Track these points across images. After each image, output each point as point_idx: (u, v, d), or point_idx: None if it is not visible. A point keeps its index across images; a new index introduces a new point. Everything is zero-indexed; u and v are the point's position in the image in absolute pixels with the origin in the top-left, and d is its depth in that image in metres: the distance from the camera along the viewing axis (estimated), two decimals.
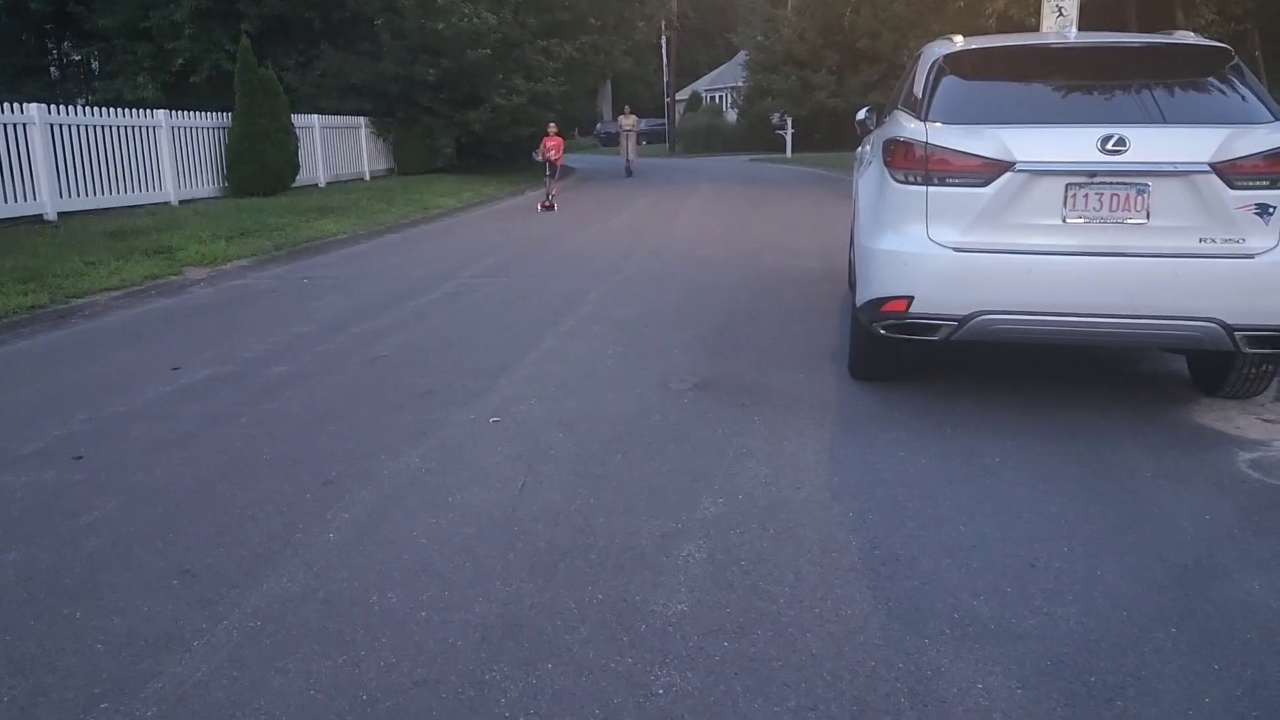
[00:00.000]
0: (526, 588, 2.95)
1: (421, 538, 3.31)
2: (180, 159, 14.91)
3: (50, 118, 12.23)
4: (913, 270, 4.34)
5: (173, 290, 8.51)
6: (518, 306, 7.42)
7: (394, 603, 2.87)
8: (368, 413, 4.73)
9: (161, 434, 4.46)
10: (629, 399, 4.90)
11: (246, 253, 10.27)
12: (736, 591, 2.91)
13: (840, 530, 3.32)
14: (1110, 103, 4.53)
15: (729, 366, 5.51)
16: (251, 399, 5.00)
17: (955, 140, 4.27)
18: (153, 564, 3.14)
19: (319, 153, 18.69)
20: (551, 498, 3.64)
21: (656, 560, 3.11)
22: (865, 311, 4.64)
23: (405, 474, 3.90)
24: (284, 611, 2.83)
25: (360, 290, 8.36)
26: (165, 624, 2.77)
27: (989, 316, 4.25)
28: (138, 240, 10.38)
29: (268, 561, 3.15)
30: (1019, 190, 4.17)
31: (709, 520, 3.42)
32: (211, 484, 3.83)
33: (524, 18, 20.96)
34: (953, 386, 5.05)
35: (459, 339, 6.32)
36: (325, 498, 3.67)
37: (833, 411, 4.68)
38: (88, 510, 3.58)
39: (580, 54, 22.87)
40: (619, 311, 7.10)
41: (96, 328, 7.06)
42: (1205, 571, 3.02)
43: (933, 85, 4.63)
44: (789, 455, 4.06)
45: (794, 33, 38.33)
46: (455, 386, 5.16)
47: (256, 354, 5.99)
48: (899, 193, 4.43)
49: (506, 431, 4.41)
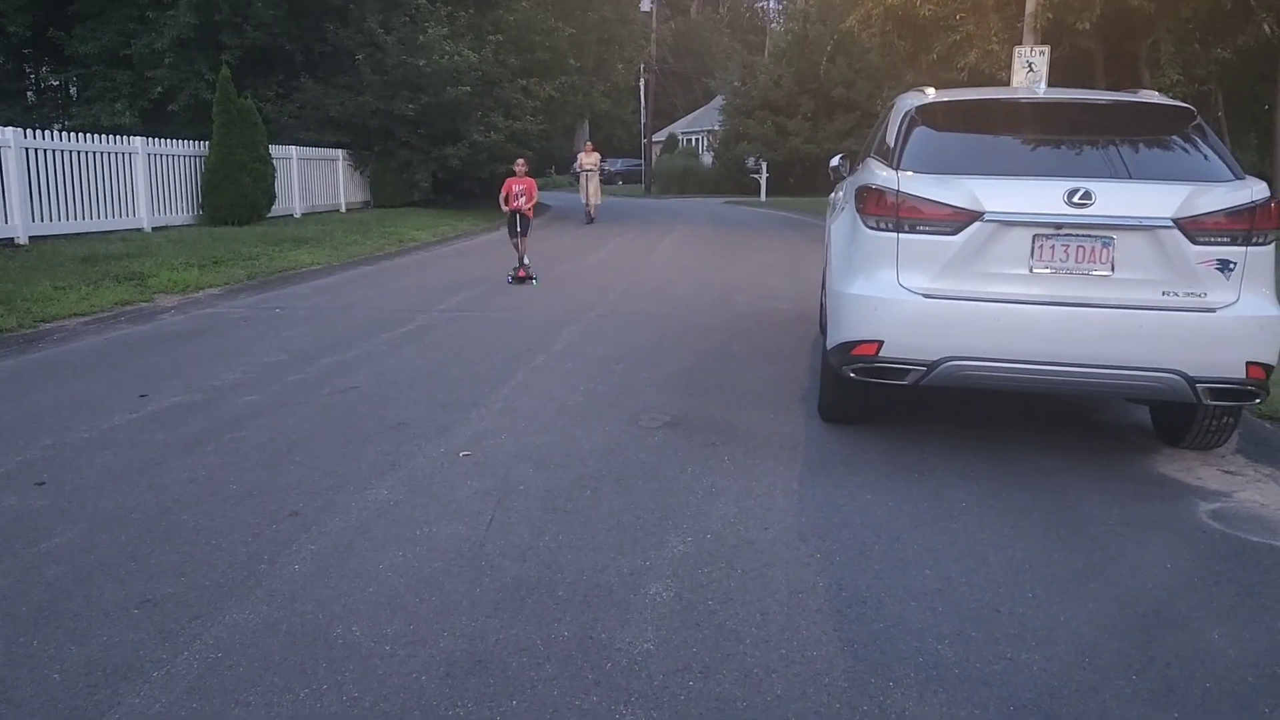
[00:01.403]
0: (492, 623, 2.93)
1: (388, 571, 3.28)
2: (155, 186, 14.84)
3: (25, 141, 12.16)
4: (883, 315, 4.41)
5: (143, 317, 8.44)
6: (491, 341, 7.42)
7: (358, 636, 2.84)
8: (337, 444, 4.71)
9: (127, 461, 4.41)
10: (600, 435, 4.91)
11: (219, 281, 10.22)
12: (703, 631, 2.91)
13: (807, 571, 3.34)
14: (1077, 157, 4.65)
15: (700, 405, 5.54)
16: (219, 428, 4.96)
17: (926, 189, 4.36)
18: (113, 593, 3.10)
19: (295, 184, 18.67)
20: (520, 533, 3.63)
21: (624, 598, 3.11)
22: (836, 354, 4.69)
23: (373, 506, 3.88)
24: (246, 643, 2.79)
25: (333, 321, 8.33)
26: (125, 654, 2.72)
27: (957, 362, 4.31)
28: (109, 266, 10.30)
29: (231, 592, 3.11)
30: (988, 239, 4.26)
31: (677, 558, 3.42)
32: (176, 513, 3.79)
33: (504, 57, 21.16)
34: (921, 431, 5.10)
35: (431, 372, 6.31)
36: (291, 529, 3.64)
37: (802, 452, 4.71)
38: (48, 537, 3.53)
39: (559, 94, 23.12)
40: (592, 348, 7.13)
41: (64, 353, 6.99)
42: (1166, 620, 3.05)
43: (905, 135, 4.73)
44: (758, 495, 4.08)
45: (770, 79, 38.94)
46: (426, 419, 5.15)
47: (226, 383, 5.94)
48: (871, 239, 4.50)
49: (476, 465, 4.40)
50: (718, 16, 67.06)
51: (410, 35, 19.69)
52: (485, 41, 20.60)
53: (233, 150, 15.66)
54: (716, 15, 67.30)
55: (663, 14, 51.34)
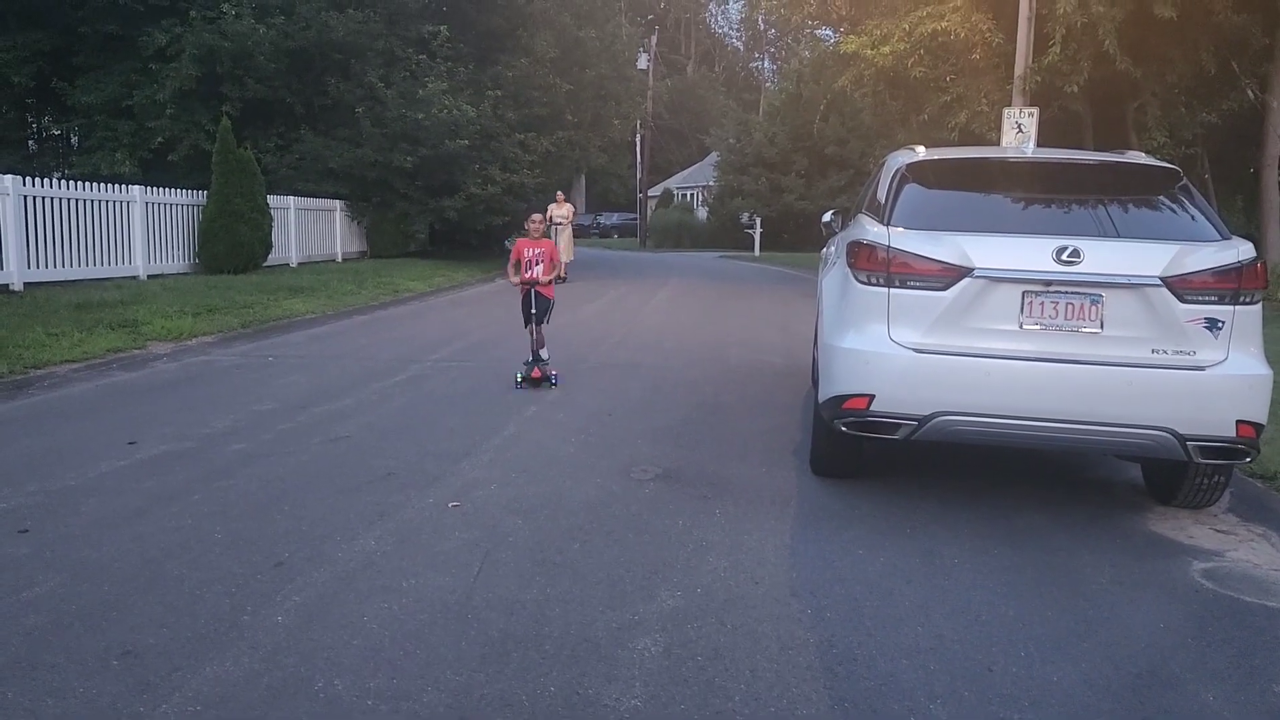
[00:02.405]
0: (478, 677, 2.89)
1: (373, 623, 3.24)
2: (152, 234, 14.91)
3: (24, 189, 12.24)
4: (874, 369, 4.42)
5: (135, 364, 8.42)
6: (483, 391, 7.41)
7: (340, 690, 2.80)
8: (325, 493, 4.67)
9: (112, 510, 4.37)
10: (590, 487, 4.88)
11: (213, 329, 10.22)
12: (692, 687, 2.87)
13: (798, 627, 3.30)
14: (1065, 216, 4.70)
15: (692, 458, 5.52)
16: (207, 476, 4.93)
17: (916, 245, 4.39)
18: (93, 644, 3.05)
19: (293, 233, 18.77)
20: (507, 585, 3.59)
21: (611, 652, 3.07)
22: (827, 408, 4.69)
23: (360, 557, 3.84)
24: (226, 696, 2.75)
25: (325, 370, 8.32)
26: (103, 707, 2.68)
27: (948, 417, 4.32)
28: (103, 313, 10.30)
29: (213, 643, 3.07)
30: (977, 295, 4.28)
31: (666, 613, 3.38)
32: (160, 562, 3.74)
33: (503, 111, 21.43)
34: (914, 486, 5.08)
35: (422, 422, 6.29)
36: (276, 579, 3.59)
37: (793, 506, 4.68)
38: (30, 586, 3.49)
39: (556, 148, 23.38)
40: (584, 399, 7.12)
41: (54, 399, 6.96)
42: (1159, 680, 3.02)
43: (896, 192, 4.79)
44: (749, 549, 4.05)
45: (765, 136, 39.45)
46: (416, 469, 5.12)
47: (215, 431, 5.92)
48: (862, 293, 4.53)
49: (465, 516, 4.37)
50: (713, 75, 68.18)
51: (410, 89, 19.96)
52: (484, 96, 20.88)
53: (230, 200, 15.77)
54: (712, 74, 68.43)
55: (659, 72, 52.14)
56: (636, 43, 33.18)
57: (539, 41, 22.60)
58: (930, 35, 16.33)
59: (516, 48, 22.57)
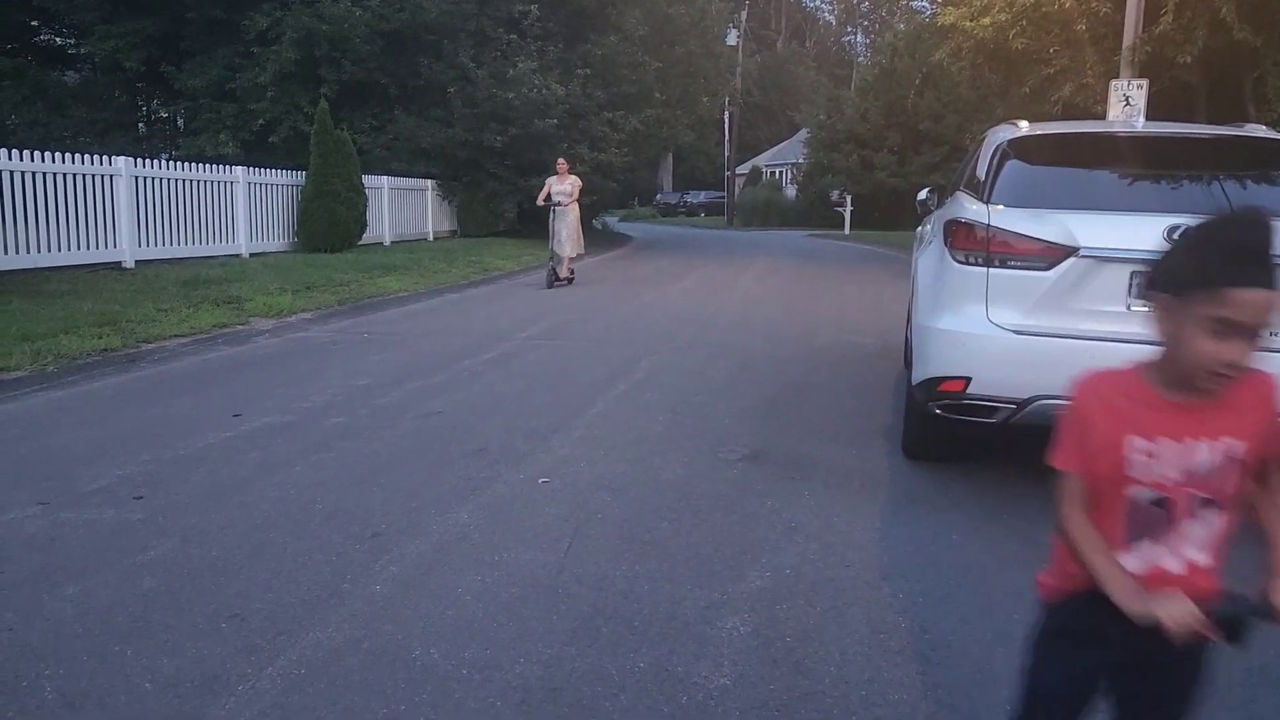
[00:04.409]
0: (568, 651, 2.93)
1: (466, 594, 3.31)
2: (254, 213, 15.41)
3: (135, 170, 12.75)
4: (971, 351, 4.32)
5: (239, 339, 8.72)
6: (571, 370, 7.48)
7: (436, 659, 2.87)
8: (419, 468, 4.78)
9: (219, 478, 4.54)
10: (678, 466, 4.89)
11: (311, 306, 10.52)
12: (781, 668, 2.86)
13: (889, 612, 3.26)
14: (1177, 193, 4.51)
15: (780, 439, 5.48)
16: (307, 448, 5.08)
17: (1018, 224, 4.27)
18: (204, 606, 3.19)
19: (386, 212, 19.18)
20: (597, 562, 3.63)
21: (700, 631, 3.08)
22: (921, 390, 4.61)
23: (453, 530, 3.92)
24: (328, 661, 2.84)
25: (418, 347, 8.50)
26: (212, 667, 2.79)
27: (1050, 401, 4.18)
28: (209, 290, 10.70)
29: (315, 609, 3.17)
30: (1082, 276, 4.14)
31: (755, 593, 3.38)
32: (264, 530, 3.88)
33: (592, 90, 21.49)
34: (1010, 470, 4.96)
35: (512, 399, 6.38)
36: (374, 549, 3.70)
37: (885, 490, 4.62)
38: (144, 550, 3.65)
39: (644, 126, 23.35)
40: (672, 379, 7.13)
41: (164, 372, 7.26)
42: (1271, 679, 2.90)
43: (996, 168, 4.65)
44: (839, 532, 4.01)
45: (856, 112, 38.73)
46: (506, 446, 5.20)
47: (315, 405, 6.10)
48: (959, 273, 4.42)
49: (555, 493, 4.43)
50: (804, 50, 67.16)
51: (500, 69, 20.15)
52: (573, 75, 20.97)
53: (328, 180, 16.18)
54: (803, 49, 67.40)
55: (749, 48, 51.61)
56: (726, 18, 32.81)
57: (628, 19, 22.57)
58: (1033, 5, 15.75)
59: (606, 25, 22.57)
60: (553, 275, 13.83)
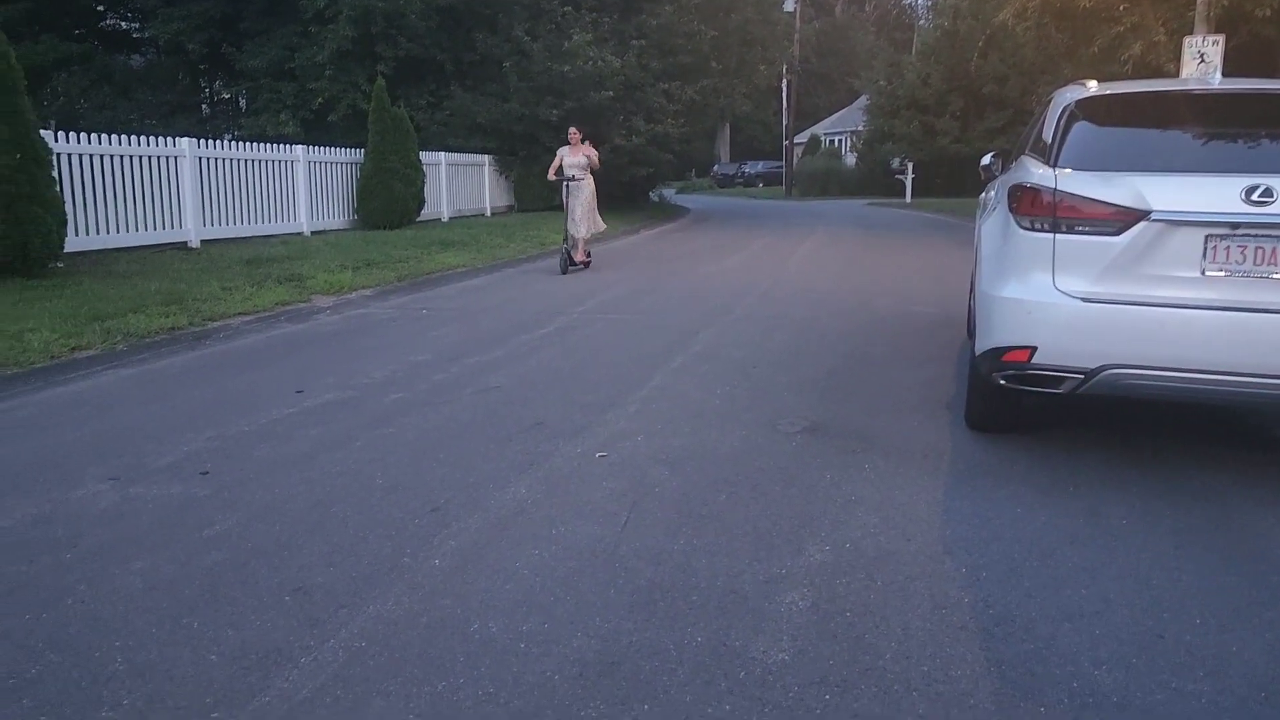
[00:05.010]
0: (626, 625, 2.92)
1: (524, 569, 3.32)
2: (314, 192, 15.61)
3: (199, 151, 12.98)
4: (1036, 319, 4.19)
5: (301, 316, 8.86)
6: (628, 343, 7.46)
7: (494, 632, 2.88)
8: (478, 442, 4.81)
9: (282, 454, 4.62)
10: (736, 439, 4.85)
11: (371, 283, 10.65)
12: (841, 643, 2.82)
13: (952, 586, 3.20)
14: (1256, 152, 4.31)
15: (840, 411, 5.41)
16: (368, 424, 5.14)
17: (1086, 187, 4.12)
18: (267, 580, 3.24)
19: (444, 188, 19.31)
20: (655, 535, 3.61)
21: (759, 605, 3.05)
22: (984, 361, 4.50)
23: (511, 504, 3.94)
24: (388, 634, 2.87)
25: (476, 322, 8.55)
26: (276, 639, 2.84)
27: (1119, 370, 4.06)
28: (271, 268, 10.88)
29: (375, 583, 3.21)
30: (1154, 240, 3.99)
31: (814, 567, 3.33)
32: (326, 505, 3.94)
33: (647, 61, 21.33)
34: (1077, 442, 4.84)
35: (569, 373, 6.39)
36: (433, 524, 3.73)
37: (947, 462, 4.53)
38: (210, 525, 3.73)
39: (700, 96, 23.13)
40: (729, 351, 7.07)
41: (229, 350, 7.40)
42: None
43: (1063, 130, 4.50)
44: (900, 505, 3.94)
45: (918, 77, 37.94)
46: (564, 420, 5.20)
47: (375, 380, 6.17)
48: (1024, 240, 4.29)
49: (612, 466, 4.42)
50: (863, 15, 65.87)
51: (555, 42, 20.11)
52: (628, 46, 20.84)
53: (386, 157, 16.32)
54: (862, 14, 66.11)
55: (806, 14, 50.74)
56: None
57: None
58: None
59: None
60: (567, 259, 12.38)
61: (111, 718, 2.44)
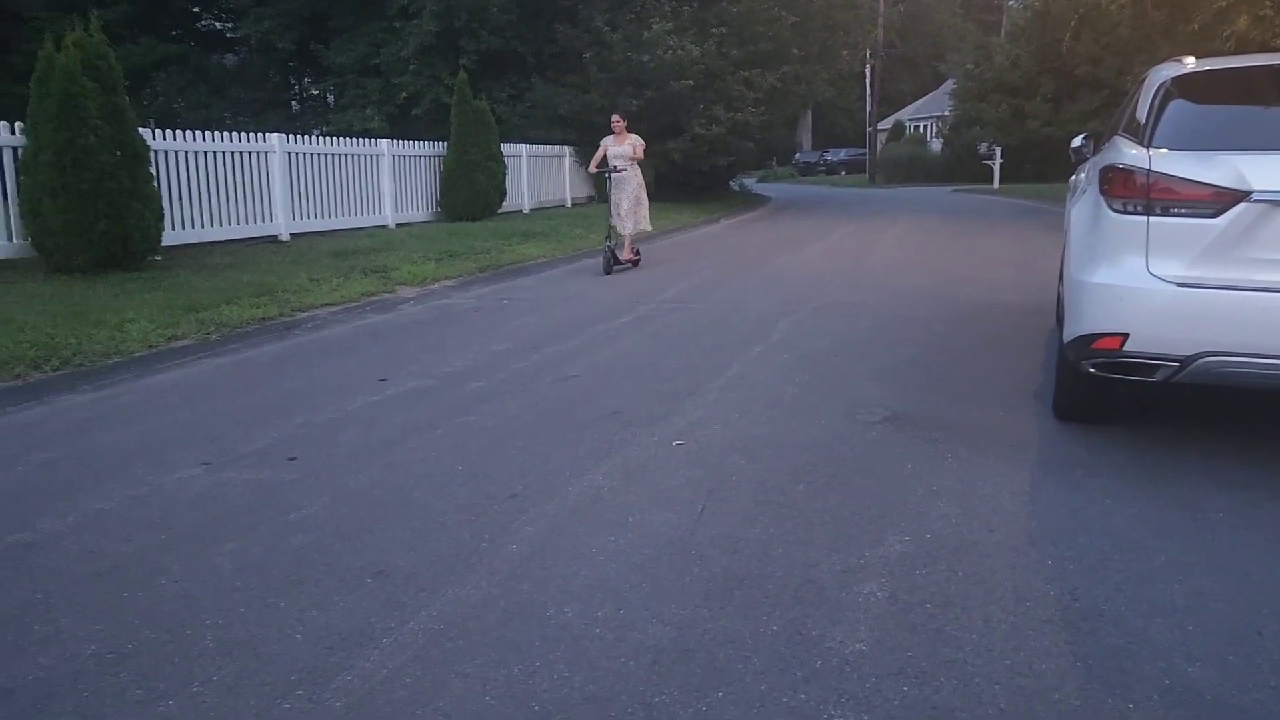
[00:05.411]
0: (701, 613, 2.91)
1: (600, 555, 3.34)
2: (399, 185, 15.90)
3: (288, 146, 13.34)
4: (1129, 305, 4.05)
5: (385, 307, 9.04)
6: (706, 332, 7.43)
7: (570, 617, 2.90)
8: (555, 430, 4.85)
9: (366, 441, 4.72)
10: (815, 428, 4.79)
11: (453, 273, 10.81)
12: (920, 635, 2.77)
13: (1037, 578, 3.11)
14: None
15: (921, 400, 5.30)
16: (448, 412, 5.22)
17: (1182, 167, 3.96)
18: (350, 562, 3.32)
19: (525, 180, 19.49)
20: (731, 524, 3.59)
21: (836, 595, 3.01)
22: (1074, 348, 4.36)
23: (588, 492, 3.96)
24: (466, 617, 2.91)
25: (555, 312, 8.61)
26: (358, 620, 2.90)
27: (1216, 358, 3.89)
28: (357, 260, 11.12)
29: (454, 568, 3.26)
30: (1255, 222, 3.82)
31: (893, 558, 3.28)
32: (408, 490, 4.01)
33: (727, 49, 21.18)
34: (1171, 433, 4.66)
35: (647, 362, 6.39)
36: (511, 510, 3.77)
37: (1034, 452, 4.41)
38: (297, 509, 3.83)
39: (781, 83, 22.87)
40: (809, 340, 6.99)
41: (316, 340, 7.59)
42: None
43: (1159, 109, 4.33)
44: (984, 496, 3.85)
45: (1007, 59, 36.91)
46: (641, 408, 5.21)
47: (456, 369, 6.26)
48: (1116, 223, 4.14)
49: (689, 455, 4.41)
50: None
51: (635, 32, 20.11)
52: (708, 35, 20.71)
53: (468, 150, 16.54)
54: None
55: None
56: None
57: None
58: None
59: None
60: (611, 258, 11.37)
61: (201, 693, 2.53)
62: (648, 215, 11.96)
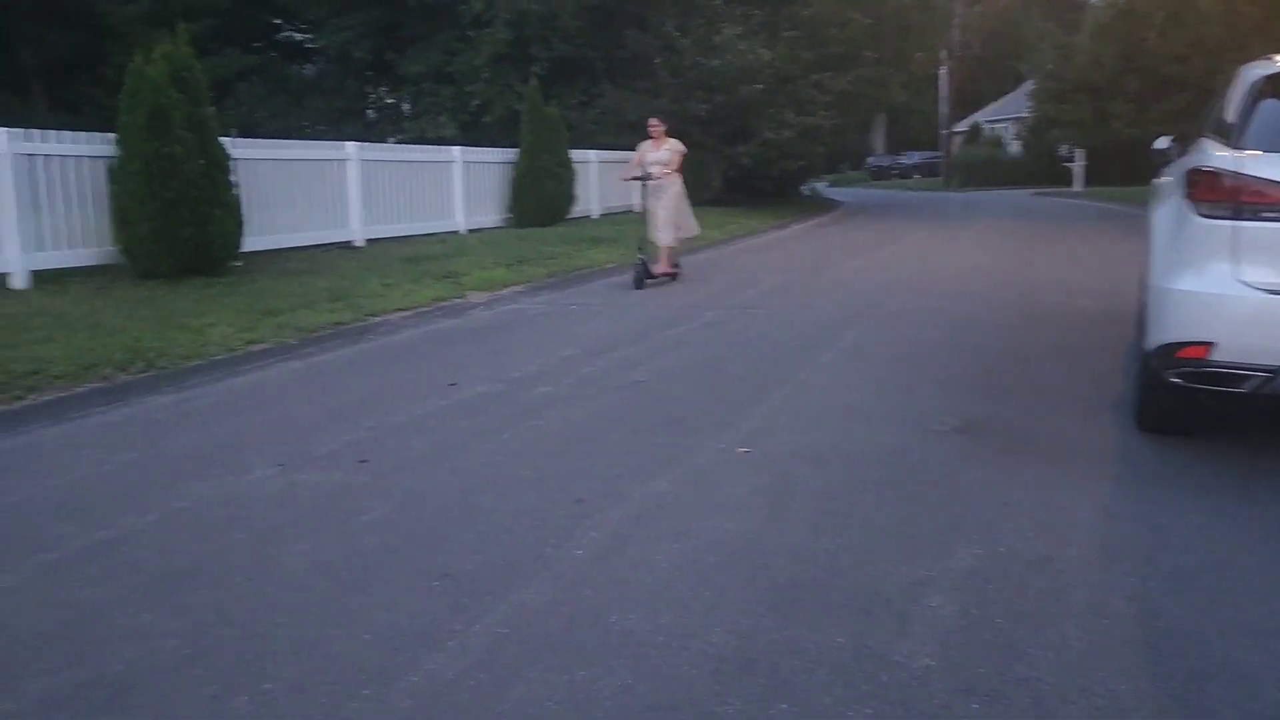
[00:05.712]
0: (764, 623, 2.88)
1: (664, 562, 3.32)
2: (470, 191, 16.11)
3: (363, 154, 13.60)
4: (1215, 313, 3.90)
5: (455, 312, 9.16)
6: (774, 338, 7.37)
7: (633, 624, 2.89)
8: (621, 436, 4.85)
9: (435, 445, 4.78)
10: (884, 437, 4.72)
11: (522, 279, 10.90)
12: (991, 651, 2.69)
13: (1115, 596, 3.01)
14: None
15: (996, 410, 5.18)
16: (516, 416, 5.26)
17: (1273, 170, 3.81)
18: (418, 565, 3.35)
19: (594, 186, 19.58)
20: (796, 533, 3.55)
21: (903, 608, 2.95)
22: (1157, 357, 4.22)
23: (653, 498, 3.95)
24: (530, 621, 2.92)
25: (623, 317, 8.63)
26: (425, 622, 2.93)
27: None
28: (429, 265, 11.29)
29: (519, 572, 3.27)
30: None
31: (964, 572, 3.20)
32: (474, 494, 4.05)
33: (798, 52, 21.05)
34: (1260, 447, 4.48)
35: (714, 368, 6.36)
36: (576, 515, 3.77)
37: (1113, 465, 4.27)
38: (367, 511, 3.89)
39: (854, 87, 22.65)
40: (879, 347, 6.89)
41: (388, 344, 7.72)
42: None
43: (1249, 110, 4.17)
44: (1059, 509, 3.74)
45: (1089, 59, 35.93)
46: (706, 415, 5.18)
47: (524, 374, 6.31)
48: (1202, 228, 4.00)
49: (754, 463, 4.37)
50: None
51: (705, 37, 20.08)
52: (779, 38, 20.60)
53: (538, 156, 16.69)
54: None
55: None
56: None
57: None
58: None
59: None
60: (643, 272, 10.52)
61: (272, 690, 2.57)
62: (693, 220, 11.27)
